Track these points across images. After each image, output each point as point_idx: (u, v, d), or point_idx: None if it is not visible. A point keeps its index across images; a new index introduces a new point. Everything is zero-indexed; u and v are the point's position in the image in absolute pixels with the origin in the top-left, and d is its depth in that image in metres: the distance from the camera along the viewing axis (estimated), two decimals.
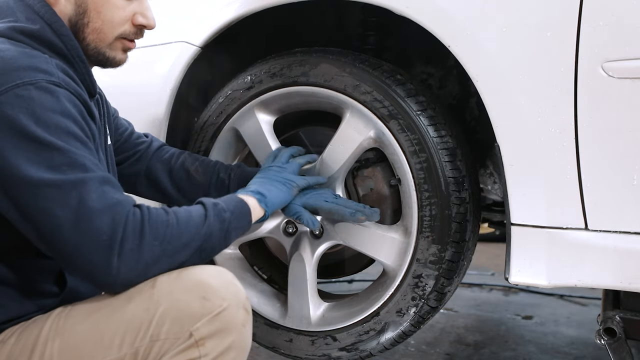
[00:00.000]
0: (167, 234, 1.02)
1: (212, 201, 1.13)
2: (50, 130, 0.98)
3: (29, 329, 1.05)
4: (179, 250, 1.04)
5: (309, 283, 1.50)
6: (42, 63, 1.03)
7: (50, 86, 1.00)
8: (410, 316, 1.40)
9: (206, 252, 1.09)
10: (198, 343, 0.99)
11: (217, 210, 1.11)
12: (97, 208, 0.97)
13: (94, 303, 1.06)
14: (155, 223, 1.02)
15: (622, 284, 1.18)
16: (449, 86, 1.71)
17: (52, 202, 0.96)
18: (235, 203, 1.17)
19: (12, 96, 0.97)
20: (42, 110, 0.98)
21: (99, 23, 1.13)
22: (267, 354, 1.96)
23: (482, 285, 3.03)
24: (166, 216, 1.05)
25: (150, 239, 1.00)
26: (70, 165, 0.98)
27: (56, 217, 0.96)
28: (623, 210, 1.17)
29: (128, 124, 1.48)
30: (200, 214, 1.09)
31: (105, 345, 1.00)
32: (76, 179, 0.97)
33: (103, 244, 0.96)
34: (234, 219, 1.13)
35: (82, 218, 0.96)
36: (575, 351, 2.13)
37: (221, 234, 1.10)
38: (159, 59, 1.57)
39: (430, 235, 1.35)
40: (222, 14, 1.46)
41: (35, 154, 0.96)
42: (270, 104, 1.50)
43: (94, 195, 0.98)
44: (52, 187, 0.96)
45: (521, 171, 1.22)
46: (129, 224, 0.99)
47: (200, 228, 1.07)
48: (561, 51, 1.15)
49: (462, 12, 1.23)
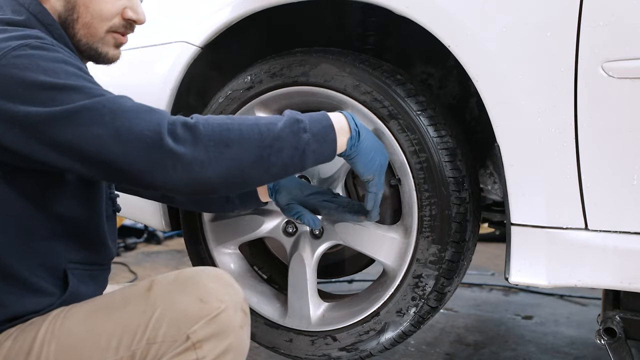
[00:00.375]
0: (224, 136, 0.99)
1: (296, 116, 1.08)
2: (59, 76, 0.98)
3: (25, 331, 1.04)
4: (240, 155, 0.99)
5: (309, 283, 1.50)
6: (32, 32, 1.04)
7: (44, 44, 1.01)
8: (410, 316, 1.40)
9: (274, 167, 1.03)
10: (195, 346, 0.98)
11: (298, 127, 1.06)
12: (132, 114, 0.97)
13: (91, 305, 1.06)
14: (211, 125, 0.99)
15: (622, 284, 1.18)
16: (449, 86, 1.71)
17: (87, 126, 0.95)
18: (323, 127, 1.10)
19: (12, 57, 0.97)
20: (45, 62, 0.98)
21: (88, 17, 1.13)
22: (267, 354, 1.96)
23: (482, 285, 3.03)
24: (226, 119, 1.01)
25: (204, 137, 0.98)
26: (90, 95, 0.97)
27: (97, 137, 0.95)
28: (623, 210, 1.17)
29: None
30: (273, 124, 1.04)
31: (102, 347, 1.00)
32: (102, 98, 0.97)
33: (150, 144, 0.95)
34: (314, 141, 1.07)
35: (121, 127, 0.95)
36: (575, 351, 2.13)
37: (295, 152, 1.05)
38: (159, 59, 1.57)
39: (430, 235, 1.35)
40: (222, 14, 1.46)
41: (54, 98, 0.96)
42: (270, 104, 1.50)
43: (125, 106, 0.98)
44: (81, 112, 0.95)
45: (521, 171, 1.22)
46: (177, 122, 0.97)
47: (269, 139, 1.02)
48: (561, 51, 1.15)
49: (462, 12, 1.23)
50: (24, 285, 1.07)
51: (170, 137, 0.96)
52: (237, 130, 1.00)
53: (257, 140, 1.01)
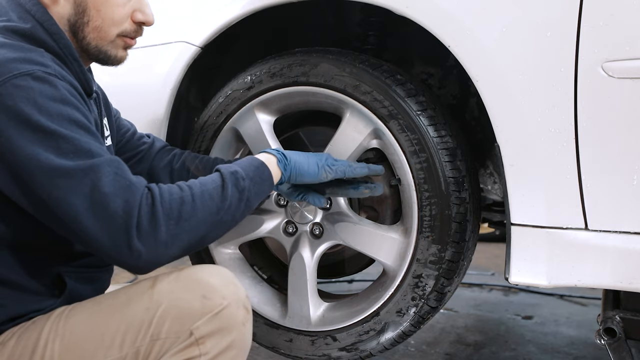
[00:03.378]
0: (182, 211, 1.01)
1: (230, 169, 1.12)
2: (52, 118, 0.97)
3: (29, 330, 1.05)
4: (197, 226, 1.03)
5: (309, 283, 1.50)
6: (37, 56, 1.03)
7: (47, 76, 1.00)
8: (410, 316, 1.40)
9: (227, 223, 1.08)
10: (198, 342, 0.99)
11: (235, 179, 1.10)
12: (110, 192, 0.97)
13: (94, 303, 1.06)
14: (168, 202, 1.01)
15: (622, 284, 1.18)
16: (449, 86, 1.71)
17: (66, 191, 0.95)
18: (255, 168, 1.16)
19: (11, 87, 0.96)
20: (42, 99, 0.98)
21: (99, 21, 1.13)
22: (267, 354, 1.96)
23: (482, 285, 3.03)
24: (180, 193, 1.03)
25: (164, 218, 0.99)
26: (76, 152, 0.97)
27: (71, 205, 0.96)
28: (623, 210, 1.17)
29: (130, 124, 1.47)
30: (217, 186, 1.08)
31: (106, 345, 1.00)
32: (85, 165, 0.97)
33: (120, 227, 0.96)
34: (253, 186, 1.12)
35: (97, 204, 0.96)
36: (575, 351, 2.13)
37: (240, 204, 1.09)
38: (159, 59, 1.57)
39: (430, 235, 1.35)
40: (222, 14, 1.46)
41: (42, 143, 0.96)
42: (271, 104, 1.50)
43: (105, 180, 0.97)
44: (63, 176, 0.95)
45: (521, 171, 1.22)
46: (143, 206, 0.98)
47: (218, 201, 1.06)
48: (561, 51, 1.15)
49: (462, 12, 1.23)
50: (22, 289, 1.08)
51: (136, 225, 0.97)
52: (190, 202, 1.03)
53: (209, 207, 1.05)
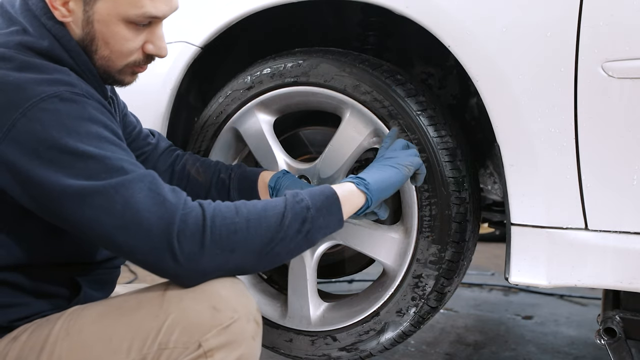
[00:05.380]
0: (231, 241, 0.97)
1: (297, 197, 1.05)
2: (82, 138, 0.97)
3: (41, 327, 1.06)
4: (243, 257, 0.99)
5: (309, 283, 1.49)
6: (64, 76, 1.02)
7: (74, 96, 1.00)
8: (410, 316, 1.40)
9: (279, 256, 1.02)
10: (207, 354, 0.98)
11: (300, 208, 1.03)
12: (144, 208, 0.95)
13: (105, 306, 1.06)
14: (219, 228, 0.97)
15: (622, 284, 1.18)
16: (449, 86, 1.71)
17: (98, 210, 0.95)
18: (325, 198, 1.07)
19: (39, 111, 0.96)
20: (70, 120, 0.97)
21: (107, 52, 1.10)
22: (267, 354, 1.96)
23: (482, 285, 3.03)
24: (234, 218, 0.98)
25: (210, 245, 0.96)
26: (108, 171, 0.97)
27: (104, 225, 0.95)
28: (623, 210, 1.17)
29: (136, 121, 1.44)
30: (277, 213, 1.01)
31: (114, 349, 1.00)
32: (117, 182, 0.96)
33: (157, 245, 0.95)
34: (318, 216, 1.04)
35: (130, 221, 0.95)
36: (575, 351, 2.13)
37: (298, 235, 1.02)
38: (159, 59, 1.57)
39: (430, 235, 1.35)
40: (222, 14, 1.46)
41: (71, 166, 0.96)
42: (271, 104, 1.50)
43: (138, 197, 0.96)
44: (94, 195, 0.95)
45: (521, 171, 1.22)
46: (186, 226, 0.95)
47: (275, 232, 1.00)
48: (561, 51, 1.15)
49: (462, 12, 1.23)
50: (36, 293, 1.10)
51: (177, 245, 0.95)
52: (244, 230, 0.98)
53: (262, 236, 0.99)
